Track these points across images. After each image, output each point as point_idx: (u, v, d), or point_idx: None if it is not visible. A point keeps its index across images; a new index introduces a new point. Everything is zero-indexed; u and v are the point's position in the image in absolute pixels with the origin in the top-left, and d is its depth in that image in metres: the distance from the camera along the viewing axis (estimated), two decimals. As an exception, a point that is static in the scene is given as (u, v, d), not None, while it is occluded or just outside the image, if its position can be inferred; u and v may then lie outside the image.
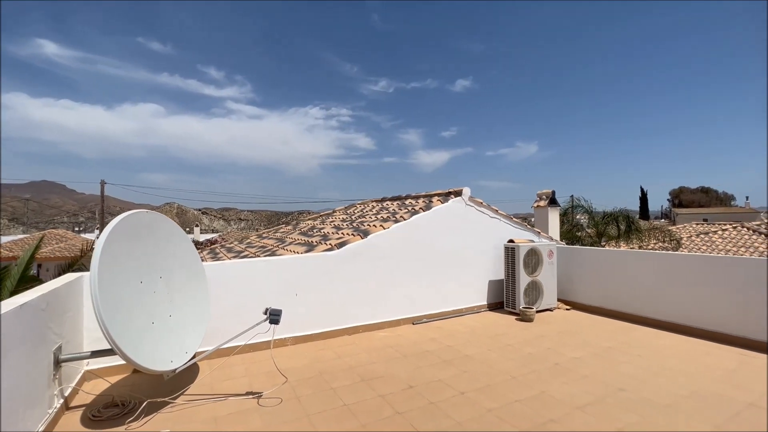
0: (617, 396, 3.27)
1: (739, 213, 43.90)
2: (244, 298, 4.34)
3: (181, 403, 3.18)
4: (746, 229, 15.60)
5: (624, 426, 2.80)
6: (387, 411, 3.07)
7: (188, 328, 3.45)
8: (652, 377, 3.64)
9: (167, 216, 4.00)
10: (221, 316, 4.08)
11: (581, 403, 3.16)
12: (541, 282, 6.06)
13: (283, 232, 8.74)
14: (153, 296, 3.19)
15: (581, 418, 2.91)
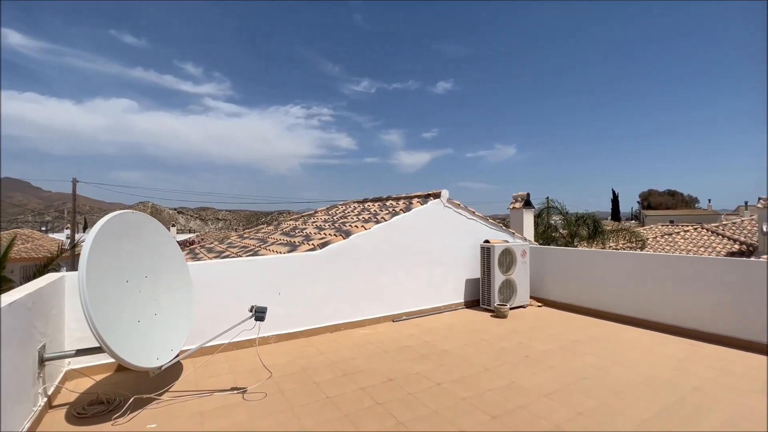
0: (580, 384, 3.56)
1: (702, 215, 46.35)
2: (228, 298, 4.42)
3: (166, 399, 3.26)
4: (706, 230, 16.60)
5: (583, 410, 3.07)
6: (368, 402, 3.24)
7: (173, 327, 3.52)
8: (613, 366, 3.96)
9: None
10: (205, 315, 4.15)
11: (547, 391, 3.42)
12: (515, 280, 6.37)
13: (265, 232, 8.77)
14: (139, 295, 3.25)
15: (546, 404, 3.17)
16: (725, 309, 4.66)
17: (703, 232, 16.45)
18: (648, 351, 4.43)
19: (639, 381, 3.61)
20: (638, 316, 5.47)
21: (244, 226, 69.14)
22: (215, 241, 9.79)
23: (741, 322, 4.52)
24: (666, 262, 5.39)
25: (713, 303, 4.76)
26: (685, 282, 5.05)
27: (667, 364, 4.02)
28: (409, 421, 2.93)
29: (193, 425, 2.87)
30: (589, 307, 6.07)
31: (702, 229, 16.81)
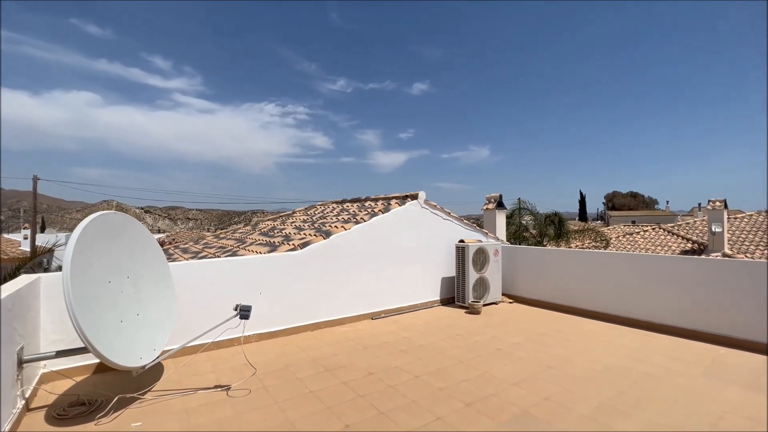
0: (546, 372, 3.86)
1: (661, 216, 49.28)
2: (209, 298, 4.45)
3: (150, 398, 3.29)
4: (663, 230, 17.75)
5: (549, 395, 3.35)
6: (350, 395, 3.39)
7: (155, 327, 3.54)
8: (575, 356, 4.30)
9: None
10: (186, 315, 4.17)
11: (516, 379, 3.69)
12: (488, 278, 6.69)
13: (242, 232, 8.72)
14: (121, 296, 3.27)
15: (515, 392, 3.43)
16: (676, 302, 5.12)
17: (661, 232, 17.57)
18: (607, 342, 4.81)
19: (598, 369, 3.95)
20: (599, 310, 5.89)
21: (216, 226, 67.25)
22: (190, 241, 9.62)
23: (689, 314, 4.99)
24: (622, 260, 5.85)
25: (665, 297, 5.22)
26: (640, 278, 5.50)
27: (623, 353, 4.40)
28: (390, 410, 3.11)
29: (179, 422, 2.93)
30: (555, 302, 6.47)
31: (659, 229, 17.95)
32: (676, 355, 4.30)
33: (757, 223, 15.86)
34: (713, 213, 14.13)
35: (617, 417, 2.98)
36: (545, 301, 6.64)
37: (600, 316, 5.84)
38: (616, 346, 4.62)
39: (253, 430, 2.82)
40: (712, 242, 13.85)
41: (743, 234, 15.17)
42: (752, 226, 15.62)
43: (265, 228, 8.37)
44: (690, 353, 4.37)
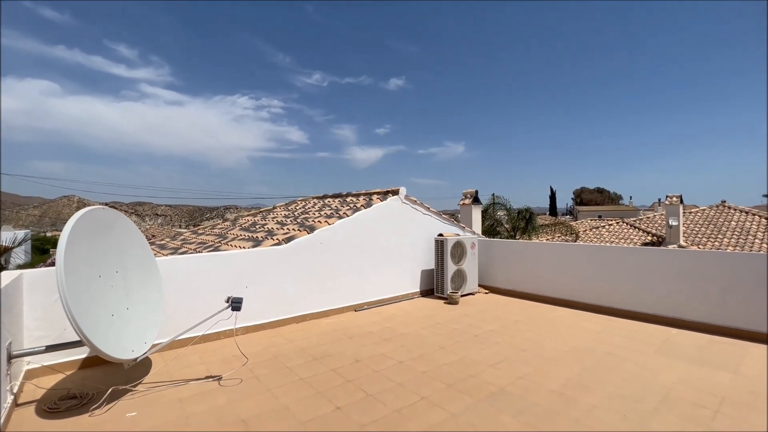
0: (519, 355, 4.18)
1: (625, 210, 51.93)
2: (196, 292, 4.50)
3: (142, 390, 3.35)
4: (626, 224, 18.85)
5: (522, 375, 3.66)
6: (338, 380, 3.58)
7: (145, 321, 3.59)
8: (546, 340, 4.65)
9: (67, 211, 4.00)
10: (174, 310, 4.22)
11: (493, 362, 3.99)
12: (465, 270, 7.01)
13: (222, 228, 8.67)
14: (111, 290, 3.31)
15: (492, 372, 3.72)
16: (633, 289, 5.60)
17: (624, 225, 18.66)
18: (573, 326, 5.21)
19: (565, 350, 4.32)
20: (566, 298, 6.32)
21: (187, 222, 65.20)
22: (166, 237, 9.45)
23: (645, 299, 5.47)
24: (585, 252, 6.30)
25: (625, 285, 5.69)
26: (601, 268, 5.95)
27: (588, 336, 4.80)
28: (377, 393, 3.32)
29: (173, 411, 3.03)
30: (528, 292, 6.87)
31: (623, 223, 19.04)
32: (634, 336, 4.74)
33: (709, 217, 17.13)
34: (670, 208, 15.16)
35: (582, 391, 3.32)
36: (518, 291, 7.03)
37: (568, 303, 6.28)
38: (582, 330, 5.03)
39: (249, 415, 2.96)
40: (669, 235, 14.87)
41: (697, 227, 16.36)
42: (704, 220, 16.86)
43: (245, 223, 8.36)
44: (646, 334, 4.83)
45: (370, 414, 2.96)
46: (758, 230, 14.72)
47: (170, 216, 79.02)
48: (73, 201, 73.63)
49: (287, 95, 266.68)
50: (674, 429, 2.73)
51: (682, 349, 4.32)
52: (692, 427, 2.75)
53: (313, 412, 3.00)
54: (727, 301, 4.80)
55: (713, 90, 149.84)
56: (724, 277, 4.84)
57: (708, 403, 3.10)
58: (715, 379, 3.53)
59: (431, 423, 2.83)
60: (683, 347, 4.37)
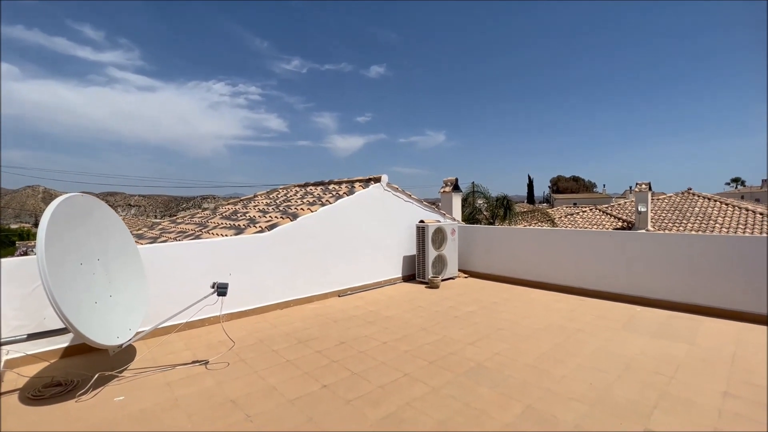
0: (497, 333, 4.40)
1: (599, 198, 53.78)
2: (179, 280, 4.50)
3: (128, 375, 3.37)
4: (599, 210, 19.59)
5: (499, 351, 3.88)
6: (324, 361, 3.70)
7: (128, 308, 3.59)
8: (522, 319, 4.90)
9: (31, 201, 3.93)
10: (157, 297, 4.21)
11: (472, 340, 4.20)
12: (446, 255, 7.21)
13: (202, 217, 8.56)
14: (93, 278, 3.28)
15: (471, 350, 3.93)
16: (603, 271, 5.92)
17: (597, 212, 19.39)
18: (547, 306, 5.50)
19: (539, 328, 4.57)
20: (541, 280, 6.63)
21: (162, 213, 63.20)
22: (143, 227, 9.24)
23: (611, 280, 5.81)
24: (559, 236, 6.60)
25: (595, 266, 6.01)
26: (575, 250, 6.26)
27: (560, 315, 5.09)
28: (362, 371, 3.46)
29: (162, 394, 3.08)
30: (505, 275, 7.15)
31: (596, 209, 19.78)
32: (602, 314, 5.05)
33: (675, 203, 18.01)
34: (639, 195, 15.85)
35: (554, 364, 3.56)
36: (496, 274, 7.30)
37: (542, 285, 6.58)
38: (554, 310, 5.31)
39: (237, 395, 3.04)
40: (638, 220, 15.58)
41: (663, 213, 17.19)
42: (671, 206, 17.72)
43: (226, 212, 8.27)
44: (613, 312, 5.15)
45: (355, 390, 3.10)
46: (719, 215, 15.62)
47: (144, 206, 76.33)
48: (38, 191, 69.94)
49: (265, 81, 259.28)
50: (632, 393, 2.99)
51: (645, 324, 4.65)
52: (650, 391, 3.02)
53: (300, 390, 3.12)
54: (686, 279, 5.16)
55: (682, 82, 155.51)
56: (684, 258, 5.20)
57: (665, 370, 3.38)
58: (673, 350, 3.85)
59: (414, 396, 2.99)
60: (646, 323, 4.70)
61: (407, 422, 2.64)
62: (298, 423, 2.65)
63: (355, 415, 2.74)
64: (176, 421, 2.69)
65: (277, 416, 2.74)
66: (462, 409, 2.80)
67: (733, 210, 15.90)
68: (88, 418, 2.74)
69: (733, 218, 15.09)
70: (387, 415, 2.74)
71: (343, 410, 2.81)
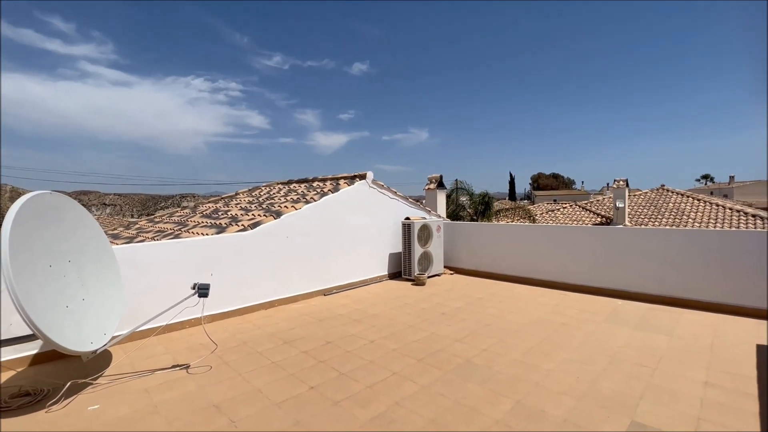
0: (484, 329, 4.41)
1: (578, 194, 55.08)
2: (158, 281, 4.32)
3: (103, 383, 3.21)
4: (579, 207, 20.05)
5: (487, 347, 3.88)
6: (311, 361, 3.62)
7: (103, 311, 3.41)
8: (508, 315, 4.93)
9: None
10: (134, 299, 4.04)
11: (460, 336, 4.19)
12: (432, 252, 7.20)
13: (181, 215, 8.29)
14: (64, 280, 3.10)
15: (459, 346, 3.91)
16: (585, 265, 6.03)
17: (577, 208, 19.84)
18: (532, 301, 5.56)
19: (525, 322, 4.61)
20: (524, 275, 6.70)
21: (139, 212, 61.45)
22: (119, 227, 8.89)
23: (592, 274, 5.92)
24: (542, 232, 6.69)
25: (577, 261, 6.11)
26: (558, 246, 6.35)
27: (545, 309, 5.15)
28: (350, 371, 3.39)
29: (140, 400, 2.94)
30: (490, 271, 7.20)
31: (576, 206, 20.23)
32: (585, 308, 5.14)
33: (650, 199, 18.58)
34: (617, 191, 16.29)
35: (541, 357, 3.58)
36: (481, 270, 7.35)
37: (526, 281, 6.66)
38: (539, 305, 5.37)
39: (221, 399, 2.93)
40: (616, 216, 16.01)
41: (640, 209, 17.72)
42: (646, 202, 18.28)
43: (207, 210, 8.04)
44: (595, 306, 5.25)
45: (343, 391, 3.04)
46: (692, 211, 16.21)
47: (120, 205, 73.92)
48: (5, 190, 66.73)
49: (246, 77, 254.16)
50: (618, 385, 3.03)
51: (626, 317, 4.75)
52: (635, 383, 3.07)
53: (286, 392, 3.03)
54: (665, 273, 5.30)
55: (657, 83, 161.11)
56: (662, 252, 5.34)
57: (648, 362, 3.45)
58: (655, 341, 3.93)
59: (403, 395, 2.95)
60: (628, 315, 4.80)
61: (398, 422, 2.60)
62: (285, 426, 2.57)
63: (344, 417, 2.68)
64: (156, 429, 2.57)
65: (263, 420, 2.65)
66: (452, 406, 2.78)
67: (705, 205, 16.53)
68: (59, 428, 2.59)
69: (705, 213, 15.69)
70: (377, 415, 2.69)
71: (332, 412, 2.74)
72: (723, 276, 4.88)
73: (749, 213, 15.08)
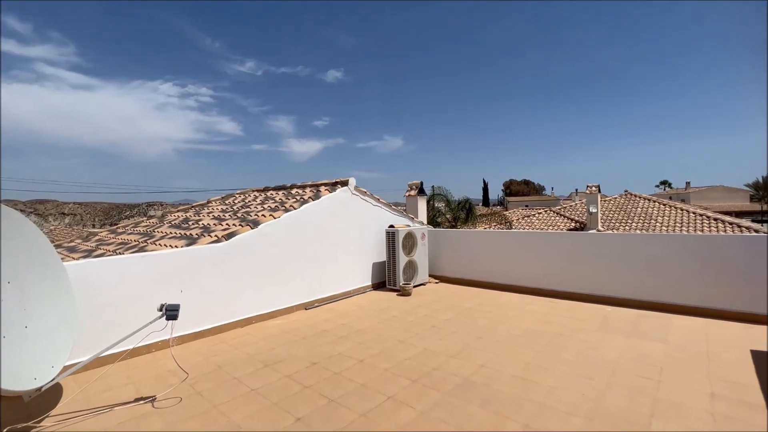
0: (477, 342, 4.21)
1: (548, 200, 56.82)
2: (120, 300, 3.85)
3: (49, 425, 2.75)
4: (553, 212, 20.51)
5: (483, 363, 3.67)
6: (295, 387, 3.28)
7: (51, 340, 2.95)
8: (499, 326, 4.76)
9: None
10: (92, 324, 3.57)
11: (453, 351, 3.96)
12: (417, 261, 6.99)
13: (147, 225, 7.68)
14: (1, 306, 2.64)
15: (454, 363, 3.68)
16: (573, 272, 5.98)
17: (552, 213, 20.28)
18: (521, 310, 5.42)
19: (518, 334, 4.44)
20: (511, 283, 6.59)
21: (102, 221, 58.24)
22: (77, 238, 8.14)
23: (578, 281, 5.88)
24: (528, 238, 6.62)
25: (564, 268, 6.06)
26: (544, 253, 6.29)
27: (535, 318, 5.01)
28: (341, 397, 3.08)
29: (95, 445, 2.51)
30: (475, 279, 7.06)
31: (550, 211, 20.69)
32: (575, 316, 5.05)
33: (619, 204, 19.26)
34: (590, 197, 16.74)
35: (541, 373, 3.40)
36: (467, 278, 7.19)
37: (512, 288, 6.55)
38: (529, 313, 5.24)
39: (193, 439, 2.56)
40: (590, 221, 16.43)
41: (610, 213, 18.31)
42: (616, 207, 18.93)
43: (175, 220, 7.49)
44: (585, 313, 5.17)
45: (335, 421, 2.72)
46: (658, 215, 16.88)
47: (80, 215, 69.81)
48: (-52, 200, 61.57)
49: (217, 83, 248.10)
50: (625, 401, 2.88)
51: (618, 324, 4.68)
52: (641, 398, 2.93)
53: (269, 426, 2.69)
54: (651, 278, 5.31)
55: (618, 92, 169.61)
56: (647, 257, 5.35)
57: (649, 373, 3.34)
58: (650, 350, 3.85)
59: (401, 423, 2.68)
60: (619, 323, 4.73)
61: (398, 458, 2.32)
62: (269, 470, 2.24)
63: (338, 454, 2.37)
64: (114, 483, 2.17)
65: (244, 463, 2.30)
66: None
67: (670, 209, 17.28)
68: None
69: (671, 217, 16.37)
70: (374, 450, 2.40)
71: (323, 448, 2.43)
72: (708, 280, 4.92)
73: (711, 216, 15.86)
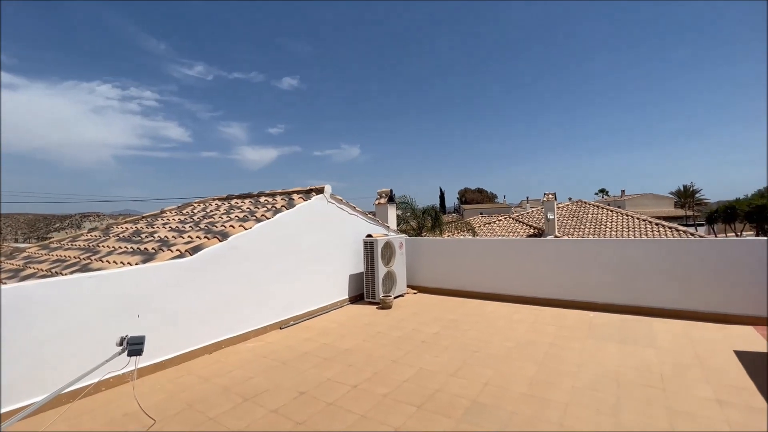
0: (473, 357, 3.99)
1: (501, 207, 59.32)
2: (63, 334, 3.18)
3: (-33, 503, 2.11)
4: (512, 219, 21.24)
5: (486, 380, 3.45)
6: (286, 425, 2.84)
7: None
8: (491, 338, 4.59)
9: None
10: (24, 366, 2.89)
11: (452, 369, 3.71)
12: (395, 271, 6.71)
13: (88, 239, 6.72)
14: None
15: (457, 383, 3.42)
16: (554, 279, 6.01)
17: (511, 220, 20.99)
18: (508, 319, 5.32)
19: (512, 346, 4.30)
20: (492, 291, 6.51)
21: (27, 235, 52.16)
22: (-2, 255, 6.94)
23: (563, 288, 5.92)
24: (507, 246, 6.61)
25: (545, 275, 6.08)
26: (523, 260, 6.27)
27: (524, 328, 4.92)
28: (341, 433, 2.70)
29: None
30: (455, 288, 6.91)
31: (510, 218, 21.42)
32: (562, 323, 5.02)
33: (571, 211, 20.38)
34: (547, 204, 17.52)
35: (548, 389, 3.24)
36: (446, 288, 7.02)
37: (494, 297, 6.47)
38: (517, 323, 5.14)
39: (168, 506, 2.06)
40: (547, 227, 17.15)
41: (565, 220, 19.29)
42: (569, 214, 20.00)
43: (124, 232, 6.61)
44: (571, 320, 5.17)
45: (342, 466, 2.35)
46: (607, 221, 18.03)
47: (-2, 227, 62.16)
48: None
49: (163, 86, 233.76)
50: (641, 416, 2.78)
51: (605, 330, 4.69)
52: (655, 410, 2.85)
53: (263, 479, 2.25)
54: (630, 282, 5.44)
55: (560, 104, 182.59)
56: (624, 263, 5.49)
57: (653, 382, 3.30)
58: (645, 356, 3.85)
59: (418, 461, 2.36)
60: (606, 329, 4.75)
61: (426, 507, 2.00)
62: None
63: None
64: None
65: None
66: (483, 471, 2.25)
67: (616, 215, 18.53)
68: None
69: (619, 222, 17.53)
70: (396, 499, 2.06)
71: (335, 503, 2.05)
72: (681, 284, 5.11)
73: (653, 222, 17.20)
